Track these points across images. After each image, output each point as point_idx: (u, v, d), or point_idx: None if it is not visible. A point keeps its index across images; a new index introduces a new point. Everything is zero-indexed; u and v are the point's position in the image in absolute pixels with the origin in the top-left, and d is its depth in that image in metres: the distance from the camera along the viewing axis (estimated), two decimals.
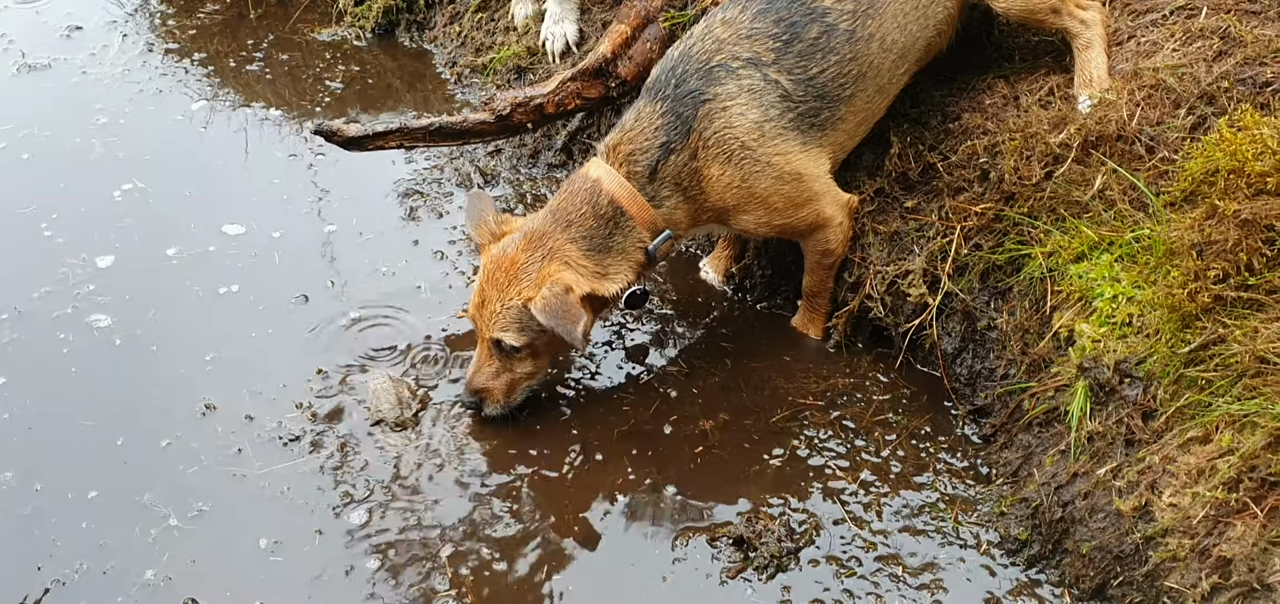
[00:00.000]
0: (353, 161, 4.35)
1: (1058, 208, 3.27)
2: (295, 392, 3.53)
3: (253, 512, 3.18)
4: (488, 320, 3.28)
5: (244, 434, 3.39)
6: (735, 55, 3.29)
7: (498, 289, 3.26)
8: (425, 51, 5.32)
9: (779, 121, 3.30)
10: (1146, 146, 3.20)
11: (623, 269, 3.33)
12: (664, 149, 3.28)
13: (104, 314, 3.78)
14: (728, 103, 3.27)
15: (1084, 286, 3.15)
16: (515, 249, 3.27)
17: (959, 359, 3.47)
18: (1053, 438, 3.13)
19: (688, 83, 3.29)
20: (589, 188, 3.29)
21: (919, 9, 3.39)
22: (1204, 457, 2.77)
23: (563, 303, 3.18)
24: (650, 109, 3.31)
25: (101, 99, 4.95)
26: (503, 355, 3.33)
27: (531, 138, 4.58)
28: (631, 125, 3.32)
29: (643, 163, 3.29)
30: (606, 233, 3.29)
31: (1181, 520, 2.74)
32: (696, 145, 3.27)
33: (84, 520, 3.14)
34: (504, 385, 3.36)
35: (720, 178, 3.30)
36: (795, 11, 3.33)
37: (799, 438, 3.38)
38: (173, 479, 3.25)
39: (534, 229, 3.30)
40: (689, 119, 3.27)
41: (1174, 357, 2.90)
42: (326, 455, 3.34)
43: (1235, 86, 3.15)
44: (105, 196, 4.35)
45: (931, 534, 3.12)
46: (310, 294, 3.90)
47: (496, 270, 3.27)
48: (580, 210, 3.28)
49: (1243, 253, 2.85)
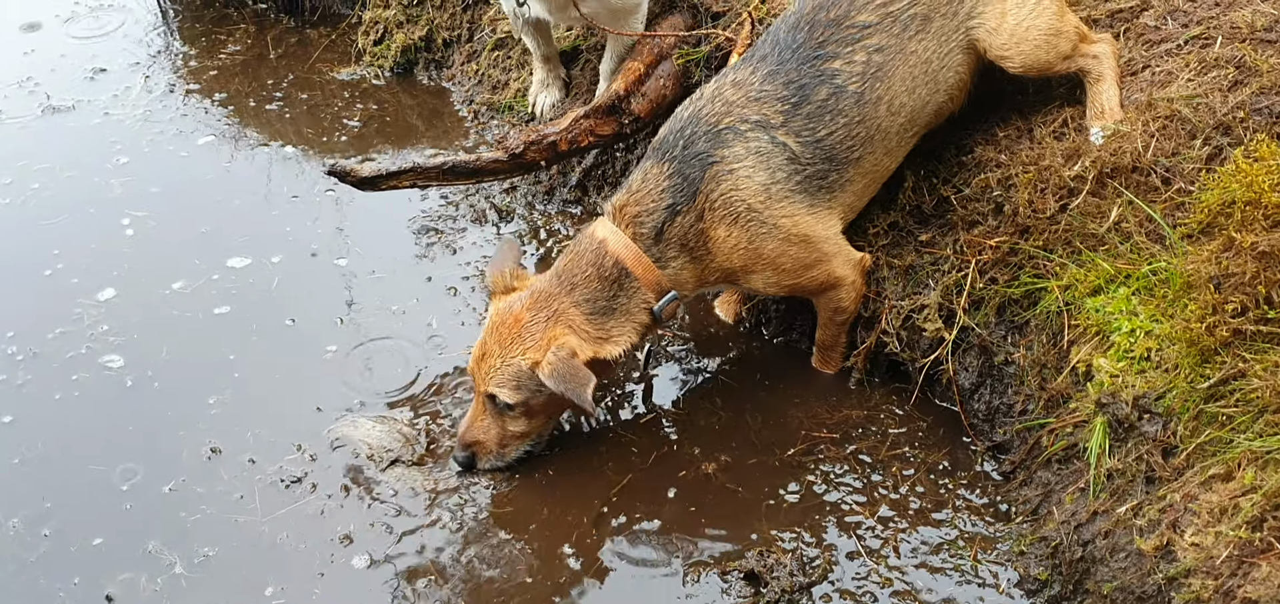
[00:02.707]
0: (369, 198, 4.36)
1: (1073, 240, 3.22)
2: (299, 433, 3.52)
3: (256, 559, 3.17)
4: (485, 374, 3.26)
5: (248, 478, 3.38)
6: (743, 117, 3.28)
7: (500, 344, 3.25)
8: (443, 89, 5.34)
9: (786, 184, 3.28)
10: (1162, 178, 3.15)
11: (626, 331, 3.31)
12: (670, 210, 3.26)
13: (117, 355, 3.81)
14: (734, 165, 3.25)
15: (1101, 320, 3.09)
16: (521, 307, 3.27)
17: (977, 394, 3.42)
18: (1072, 475, 3.07)
19: (696, 145, 3.28)
20: (595, 249, 3.28)
21: (929, 74, 3.37)
22: (1226, 494, 2.71)
23: (570, 367, 3.17)
24: (657, 170, 3.30)
25: (123, 140, 5.00)
26: (496, 411, 3.31)
27: (547, 175, 4.58)
28: (638, 186, 3.31)
29: (648, 225, 3.28)
30: (610, 295, 3.27)
31: (1204, 560, 2.67)
32: (703, 207, 3.26)
33: (90, 568, 3.14)
34: (496, 439, 3.34)
35: (726, 239, 3.28)
36: (805, 74, 3.31)
37: (814, 472, 3.34)
38: (177, 525, 3.24)
39: (540, 290, 3.29)
40: (695, 181, 3.25)
41: (1193, 392, 2.84)
42: (328, 497, 3.33)
43: (1251, 116, 3.10)
44: (122, 236, 4.38)
45: (950, 572, 3.07)
46: (320, 331, 3.91)
47: (501, 325, 3.27)
48: (585, 273, 3.27)
49: (1261, 285, 2.79)
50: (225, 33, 5.85)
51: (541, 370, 3.17)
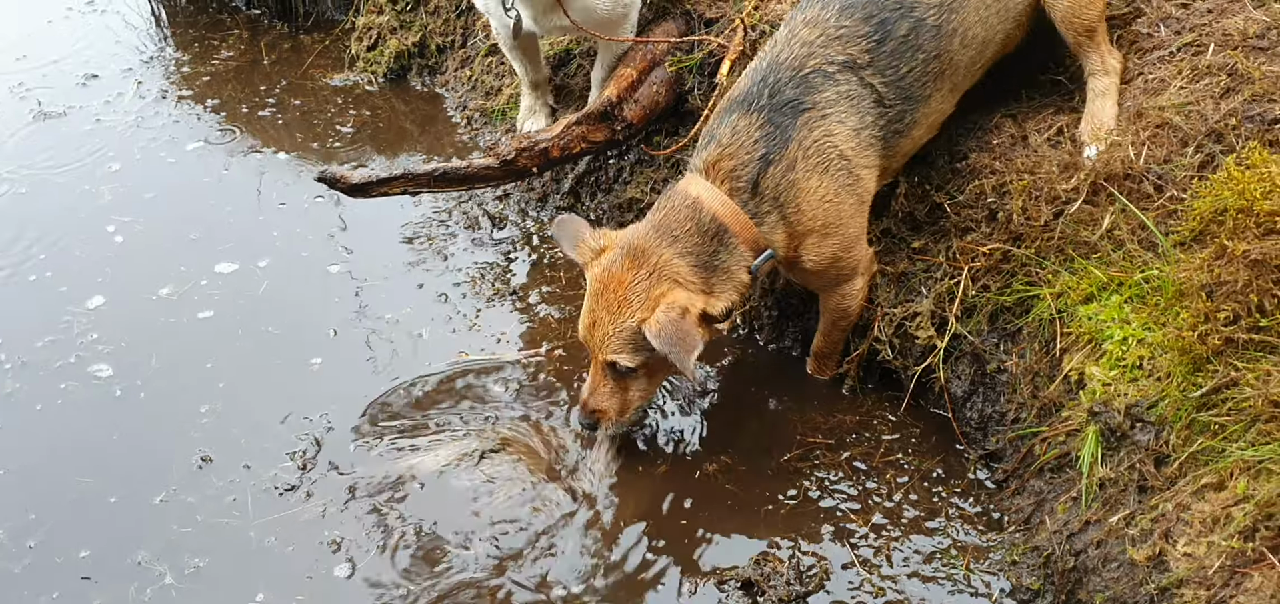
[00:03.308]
0: (362, 204, 4.34)
1: (1066, 248, 3.21)
2: (290, 442, 3.50)
3: (247, 569, 3.15)
4: (600, 343, 3.17)
5: (240, 486, 3.36)
6: (829, 58, 3.18)
7: (609, 311, 3.14)
8: (437, 95, 5.33)
9: (872, 129, 3.20)
10: (1155, 185, 3.14)
11: (728, 288, 3.19)
12: (764, 161, 3.14)
13: (105, 364, 3.79)
14: (827, 110, 3.15)
15: (1094, 328, 3.08)
16: (620, 267, 3.14)
17: (969, 402, 3.40)
18: (1065, 484, 3.06)
19: (783, 92, 3.16)
20: (690, 205, 3.15)
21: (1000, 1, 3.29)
22: (1219, 504, 2.69)
23: (679, 327, 3.05)
24: (746, 122, 3.17)
25: (114, 146, 5.00)
26: (618, 377, 3.23)
27: (540, 182, 4.57)
28: (728, 140, 3.17)
29: (744, 178, 3.16)
30: (712, 250, 3.15)
31: (1197, 570, 2.66)
32: (796, 156, 3.14)
33: (76, 580, 3.11)
34: (618, 405, 3.27)
35: (816, 190, 3.17)
36: (883, 6, 3.20)
37: (810, 479, 3.33)
38: (166, 536, 3.22)
39: (637, 245, 3.15)
40: (788, 128, 3.13)
41: (1186, 401, 2.83)
42: (320, 505, 3.31)
43: (1243, 124, 3.09)
44: (111, 243, 4.38)
45: (942, 581, 3.05)
46: (308, 339, 3.89)
47: (605, 290, 3.15)
48: (685, 226, 3.14)
49: (1253, 294, 2.77)
50: (219, 38, 5.85)
51: (648, 330, 3.06)
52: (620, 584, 3.08)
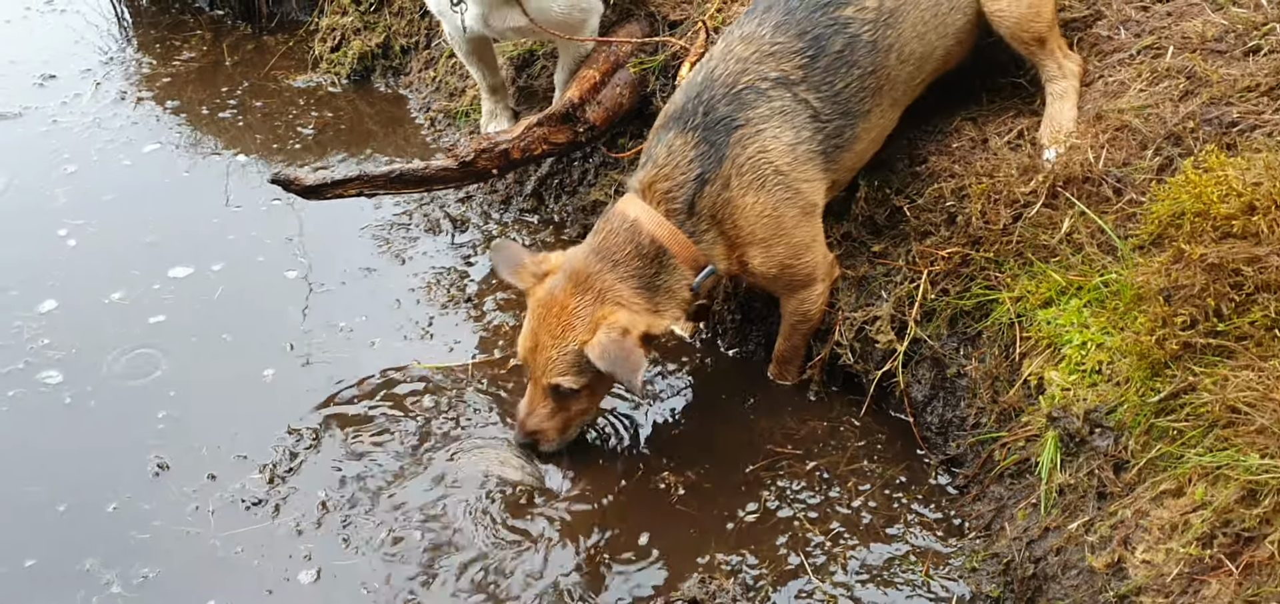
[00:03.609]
0: (324, 208, 4.28)
1: (1025, 251, 3.19)
2: (245, 449, 3.44)
3: (201, 575, 3.09)
4: (543, 366, 3.17)
5: (201, 496, 3.30)
6: (762, 75, 3.18)
7: (552, 335, 3.15)
8: (401, 96, 5.28)
9: (810, 144, 3.20)
10: (1114, 188, 3.12)
11: (671, 307, 3.21)
12: (699, 180, 3.15)
13: (55, 370, 3.72)
14: (761, 126, 3.16)
15: (1053, 333, 3.06)
16: (563, 291, 3.16)
17: (930, 407, 3.38)
18: (1024, 490, 3.04)
19: (717, 109, 3.16)
20: (629, 227, 3.17)
21: (938, 15, 3.29)
22: (1177, 510, 2.68)
23: (622, 347, 3.07)
24: (681, 141, 3.18)
25: (70, 148, 4.93)
26: (559, 398, 3.23)
27: (503, 184, 4.53)
28: (664, 160, 3.19)
29: (680, 198, 3.17)
30: (652, 272, 3.17)
31: (1155, 578, 2.64)
32: (730, 173, 3.15)
33: (23, 587, 3.05)
34: (558, 425, 3.28)
35: (753, 206, 3.18)
36: (817, 23, 3.20)
37: (770, 488, 3.29)
38: (121, 545, 3.16)
39: (579, 270, 3.17)
40: (722, 146, 3.14)
41: (1144, 406, 2.81)
42: (286, 516, 3.25)
43: (1201, 127, 3.08)
44: (63, 247, 4.31)
45: (901, 587, 3.02)
46: (261, 346, 3.82)
47: (548, 314, 3.16)
48: (624, 250, 3.16)
49: (1210, 298, 2.76)
50: (181, 39, 5.78)
51: (590, 351, 3.08)
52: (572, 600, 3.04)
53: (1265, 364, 2.67)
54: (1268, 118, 3.03)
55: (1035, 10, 3.31)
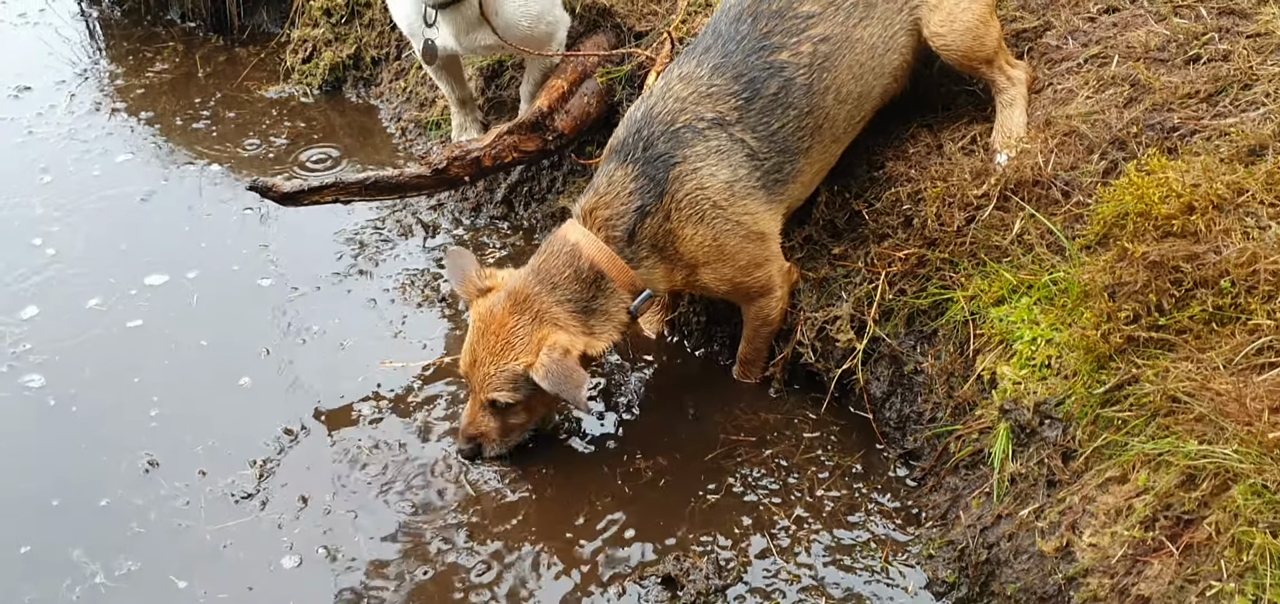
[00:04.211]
0: (295, 215, 4.36)
1: (978, 252, 3.32)
2: (232, 447, 3.52)
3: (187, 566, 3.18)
4: (481, 382, 3.28)
5: (192, 492, 3.38)
6: (699, 115, 3.28)
7: (490, 353, 3.26)
8: (372, 107, 5.36)
9: (748, 180, 3.31)
10: (1062, 191, 3.26)
11: (608, 329, 3.34)
12: (639, 213, 3.27)
13: (38, 374, 3.77)
14: (698, 164, 3.27)
15: (1005, 330, 3.19)
16: (503, 310, 3.26)
17: (888, 402, 3.50)
18: (978, 480, 3.16)
19: (656, 146, 3.28)
20: (569, 251, 3.28)
21: (874, 59, 3.40)
22: (1121, 496, 2.80)
23: (563, 366, 3.18)
24: (622, 173, 3.29)
25: (46, 158, 4.97)
26: (497, 412, 3.34)
27: (474, 191, 4.62)
28: (604, 189, 3.31)
29: (620, 227, 3.28)
30: (590, 296, 3.28)
31: (1101, 560, 2.77)
32: (670, 207, 3.27)
33: (13, 579, 3.11)
34: (498, 432, 3.39)
35: (693, 237, 3.31)
36: (753, 66, 3.31)
37: (734, 476, 3.40)
38: (112, 538, 3.23)
39: (518, 290, 3.28)
40: (661, 182, 3.26)
41: (1091, 397, 2.94)
42: (268, 512, 3.33)
43: (1144, 132, 3.22)
44: (42, 255, 4.35)
45: (861, 573, 3.14)
46: (237, 351, 3.89)
47: (487, 332, 3.27)
48: (563, 273, 3.27)
49: (1152, 294, 2.90)
50: (153, 51, 5.82)
51: (535, 373, 3.19)
52: (545, 583, 3.13)
53: (1203, 356, 2.80)
54: (1206, 123, 3.17)
55: (979, 39, 3.44)
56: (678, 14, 4.28)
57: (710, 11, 4.17)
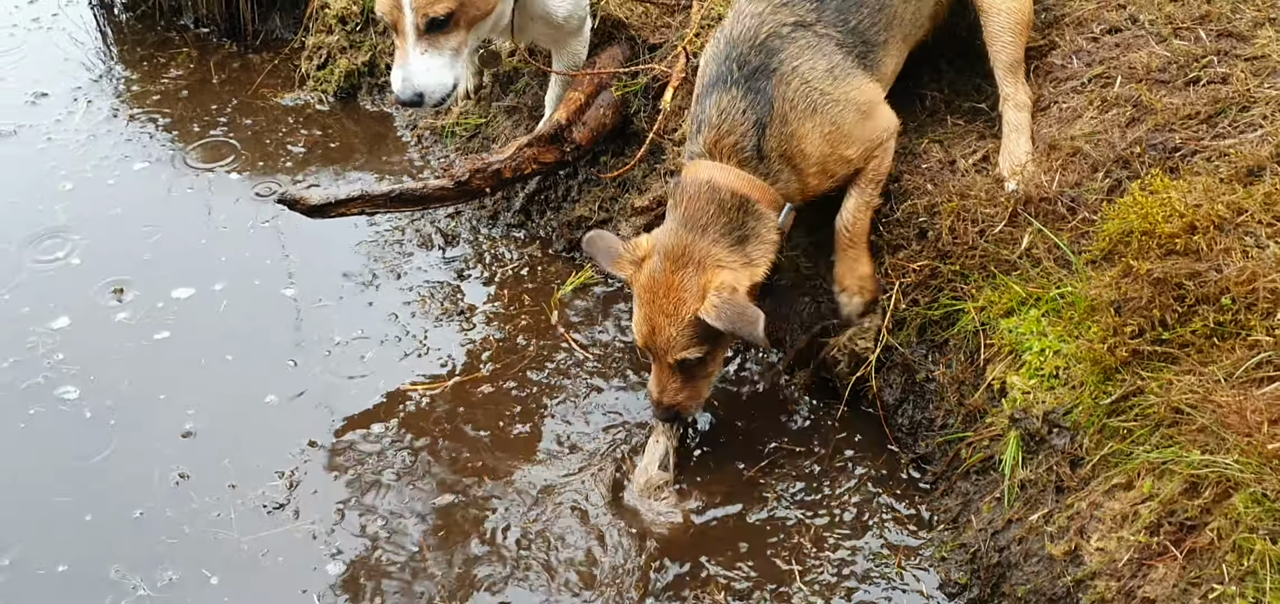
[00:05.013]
0: (316, 225, 4.46)
1: (989, 265, 3.45)
2: (262, 459, 3.62)
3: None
4: (666, 346, 3.35)
5: (223, 504, 3.48)
6: (781, 23, 3.39)
7: (667, 315, 3.33)
8: (386, 115, 5.44)
9: (844, 63, 3.42)
10: (1068, 208, 3.39)
11: (764, 252, 3.41)
12: (758, 127, 3.34)
13: (72, 386, 3.86)
14: (795, 63, 3.36)
15: (1014, 340, 3.32)
16: (665, 272, 3.34)
17: (901, 409, 3.63)
18: (989, 485, 3.29)
19: (750, 62, 3.35)
20: (708, 188, 3.34)
21: None
22: (1127, 502, 2.93)
23: (734, 305, 3.27)
24: (728, 98, 3.36)
25: (66, 166, 5.03)
26: (687, 370, 3.42)
27: (491, 200, 4.72)
28: (718, 119, 3.36)
29: (748, 146, 3.35)
30: (740, 223, 3.35)
31: (1108, 563, 2.89)
32: (784, 111, 3.35)
33: (54, 596, 3.21)
34: (692, 393, 3.47)
35: (814, 131, 3.39)
36: None
37: (752, 489, 3.51)
38: (148, 549, 3.33)
39: (672, 246, 3.34)
40: (767, 92, 3.34)
41: (1097, 407, 3.07)
42: (302, 522, 3.44)
43: (1147, 151, 3.35)
44: (68, 265, 4.43)
45: (876, 578, 3.26)
46: (268, 362, 3.98)
47: (656, 296, 3.34)
48: (709, 212, 3.33)
49: (1156, 309, 3.03)
50: (166, 56, 5.90)
51: (706, 315, 3.26)
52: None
53: (1205, 369, 2.93)
54: (1206, 144, 3.31)
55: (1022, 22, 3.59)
56: (691, 28, 4.39)
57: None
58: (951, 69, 3.95)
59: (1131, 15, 3.77)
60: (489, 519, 3.45)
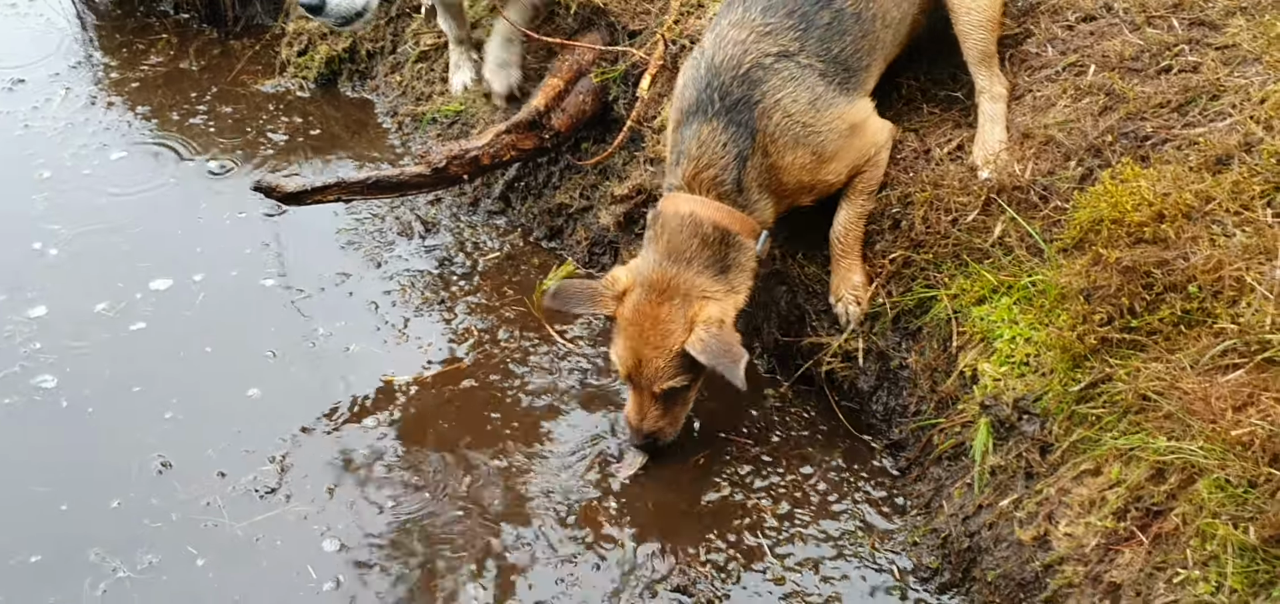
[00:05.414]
0: (295, 214, 4.47)
1: (961, 253, 3.47)
2: (235, 452, 3.63)
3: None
4: (651, 377, 3.39)
5: (212, 491, 3.50)
6: (764, 53, 3.40)
7: (653, 347, 3.36)
8: (367, 101, 5.45)
9: (826, 92, 3.44)
10: (1040, 196, 3.41)
11: (745, 280, 3.46)
12: (739, 160, 3.37)
13: (50, 375, 3.87)
14: (778, 95, 3.38)
15: (986, 328, 3.35)
16: (650, 304, 3.37)
17: (875, 396, 3.66)
18: (960, 471, 3.32)
19: (732, 93, 3.38)
20: (690, 222, 3.37)
21: None
22: (1095, 488, 2.97)
23: (721, 340, 3.31)
24: (708, 130, 3.38)
25: (45, 154, 5.04)
26: (668, 398, 3.46)
27: (471, 187, 4.73)
28: (697, 151, 3.39)
29: (728, 180, 3.38)
30: (722, 255, 3.39)
31: (1076, 549, 2.93)
32: (765, 144, 3.37)
33: (30, 584, 3.22)
34: (671, 420, 3.52)
35: (795, 162, 3.42)
36: (802, 2, 3.45)
37: (727, 473, 3.55)
38: (129, 535, 3.34)
39: (657, 279, 3.38)
40: (749, 124, 3.36)
41: (1067, 394, 3.10)
42: (293, 505, 3.46)
43: (1119, 140, 3.38)
44: (45, 255, 4.44)
45: (850, 560, 3.29)
46: (247, 353, 3.99)
47: (642, 326, 3.37)
48: (692, 244, 3.37)
49: (1125, 297, 3.06)
50: (145, 43, 5.89)
51: (692, 348, 3.30)
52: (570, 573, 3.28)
53: (1172, 357, 2.97)
54: (1177, 132, 3.33)
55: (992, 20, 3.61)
56: (670, 14, 4.40)
57: (702, 12, 4.29)
58: (927, 58, 3.96)
59: (1106, 3, 3.80)
60: (477, 503, 3.48)
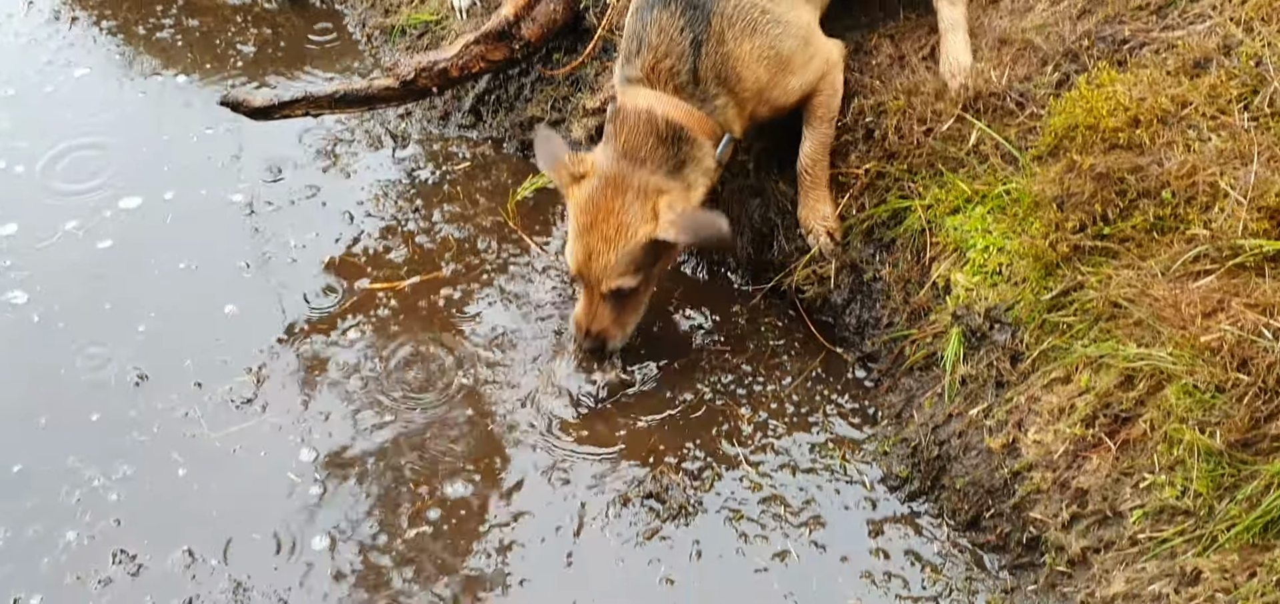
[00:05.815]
0: (264, 126, 4.39)
1: (936, 163, 3.44)
2: (211, 363, 3.62)
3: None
4: (601, 272, 3.33)
5: (189, 402, 3.51)
6: None
7: (606, 241, 3.30)
8: (337, 12, 5.33)
9: None
10: (1016, 103, 3.37)
11: (701, 179, 3.39)
12: (695, 46, 3.29)
13: (20, 291, 3.84)
14: None
15: (959, 238, 3.32)
16: (604, 198, 3.31)
17: (848, 309, 3.64)
18: (931, 381, 3.32)
19: None
20: (645, 118, 3.31)
21: None
22: (1064, 396, 2.98)
23: (691, 215, 3.28)
24: (666, 15, 3.30)
25: (8, 70, 4.95)
26: (619, 299, 3.40)
27: (441, 100, 4.65)
28: (657, 40, 3.32)
29: (683, 71, 3.31)
30: (677, 152, 3.33)
31: (1044, 456, 2.96)
32: (722, 29, 3.29)
33: (7, 495, 3.24)
34: (620, 324, 3.47)
35: (751, 52, 3.33)
36: None
37: (703, 382, 3.55)
38: (108, 446, 3.36)
39: (613, 175, 3.32)
40: (706, 6, 3.29)
41: (1038, 303, 3.09)
42: (270, 415, 3.48)
43: (1096, 44, 3.32)
44: (11, 173, 4.37)
45: (821, 471, 3.31)
46: (219, 267, 3.97)
47: (595, 220, 3.31)
48: (646, 142, 3.31)
49: (1098, 204, 3.03)
50: None
51: (665, 232, 3.26)
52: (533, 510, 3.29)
53: (1144, 264, 2.96)
54: (1155, 36, 3.28)
55: None
56: None
57: None
58: None
59: None
60: (453, 412, 3.49)
